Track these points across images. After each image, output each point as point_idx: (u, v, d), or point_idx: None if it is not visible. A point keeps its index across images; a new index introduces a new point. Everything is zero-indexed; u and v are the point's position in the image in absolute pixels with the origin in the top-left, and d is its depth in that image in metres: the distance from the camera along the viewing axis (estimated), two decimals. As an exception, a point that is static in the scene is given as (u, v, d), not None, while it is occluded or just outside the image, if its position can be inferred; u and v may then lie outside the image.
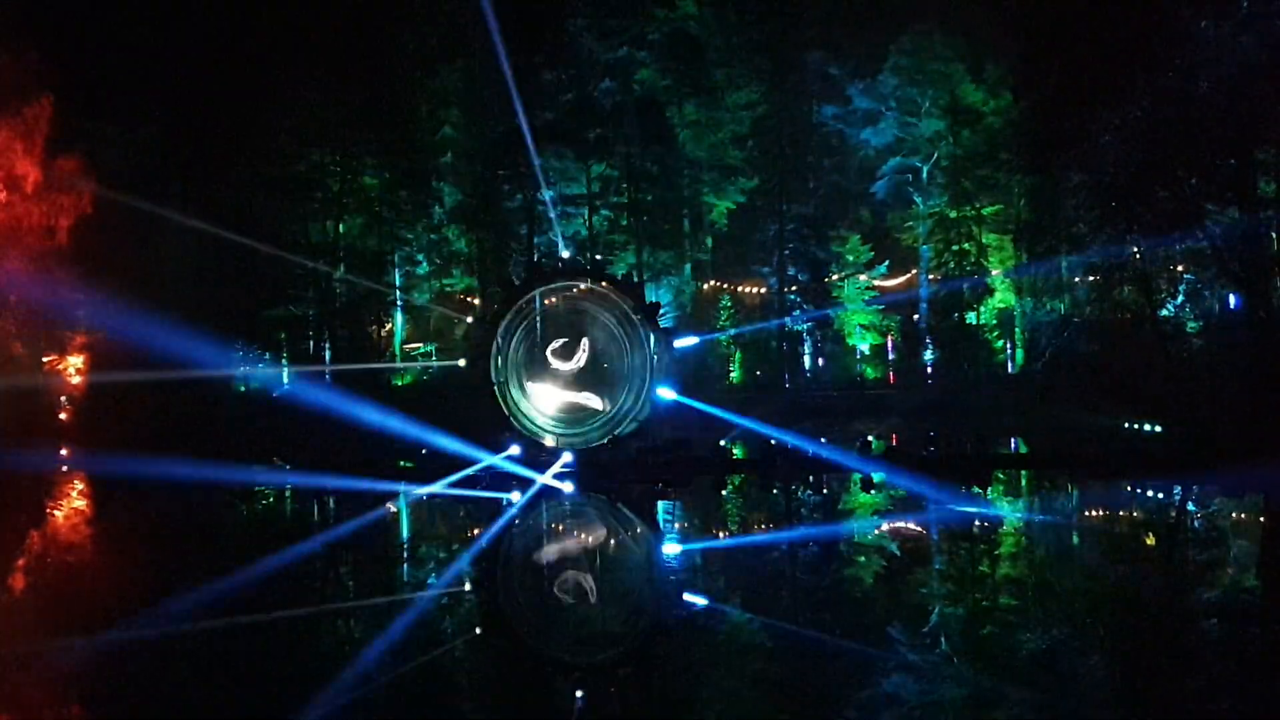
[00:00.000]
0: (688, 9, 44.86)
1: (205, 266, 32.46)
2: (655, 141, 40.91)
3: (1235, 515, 18.65)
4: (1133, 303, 33.53)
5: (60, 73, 28.51)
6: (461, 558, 16.14)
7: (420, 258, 44.48)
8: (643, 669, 10.08)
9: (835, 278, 45.73)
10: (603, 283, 25.10)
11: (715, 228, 46.67)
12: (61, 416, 31.65)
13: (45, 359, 31.28)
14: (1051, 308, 40.36)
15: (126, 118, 31.01)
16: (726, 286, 46.65)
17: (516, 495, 21.33)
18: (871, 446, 24.50)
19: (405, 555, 16.53)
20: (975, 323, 44.20)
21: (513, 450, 23.40)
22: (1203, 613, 11.77)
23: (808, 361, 45.62)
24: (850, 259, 46.19)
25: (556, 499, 21.60)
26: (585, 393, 24.81)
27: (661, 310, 26.98)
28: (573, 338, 24.80)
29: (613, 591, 13.46)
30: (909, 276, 48.46)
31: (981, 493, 21.00)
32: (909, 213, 46.84)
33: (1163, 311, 32.30)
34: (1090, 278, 36.46)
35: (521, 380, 24.79)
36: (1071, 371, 35.06)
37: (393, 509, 20.44)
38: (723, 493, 22.31)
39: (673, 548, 16.16)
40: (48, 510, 20.68)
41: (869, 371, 46.04)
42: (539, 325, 25.02)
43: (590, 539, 17.52)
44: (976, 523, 18.16)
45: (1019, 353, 43.67)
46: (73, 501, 22.50)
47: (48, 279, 28.72)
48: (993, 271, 44.40)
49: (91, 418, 30.62)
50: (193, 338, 33.83)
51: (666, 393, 24.76)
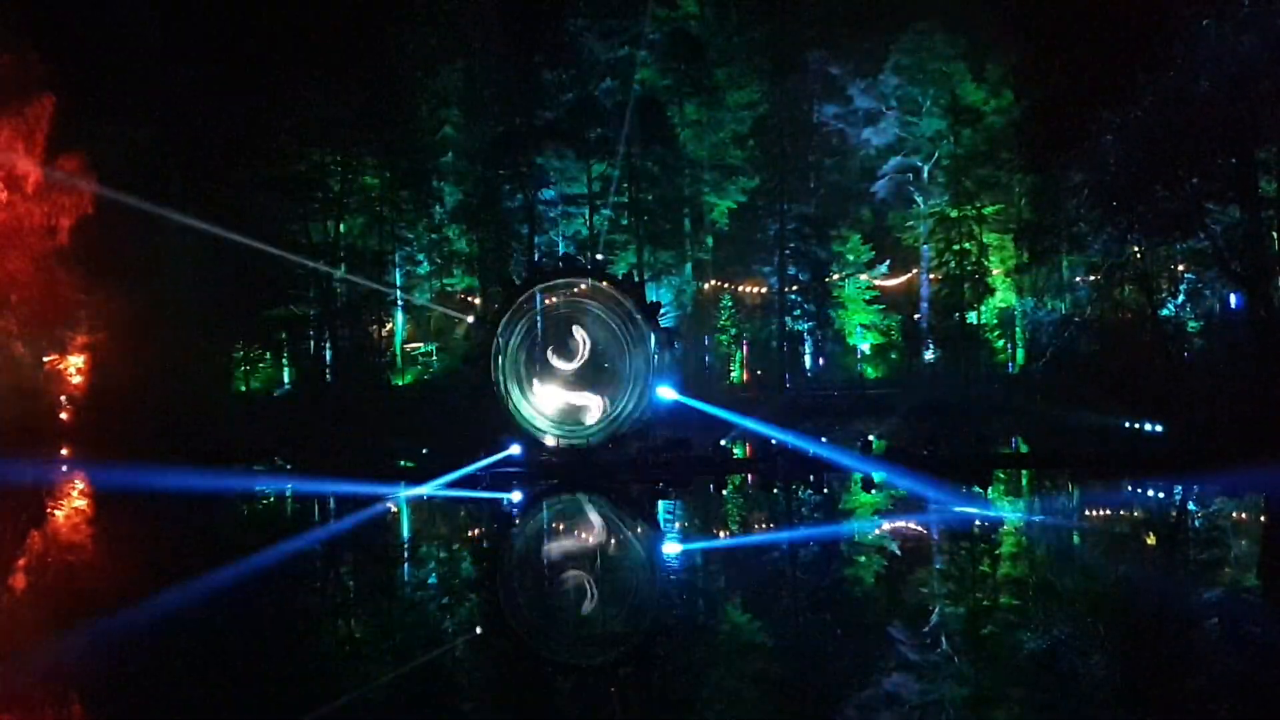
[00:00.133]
0: (688, 9, 44.85)
1: (206, 266, 32.43)
2: (656, 141, 40.90)
3: (1235, 515, 18.64)
4: (1134, 302, 33.57)
5: (60, 73, 28.50)
6: (459, 558, 16.16)
7: (421, 257, 44.50)
8: (642, 669, 10.07)
9: (836, 277, 45.74)
10: (603, 282, 25.09)
11: (716, 227, 46.67)
12: (62, 416, 31.65)
13: (45, 359, 31.26)
14: (1052, 307, 40.36)
15: (126, 118, 30.97)
16: (727, 286, 46.66)
17: (518, 495, 21.36)
18: (872, 446, 24.50)
19: (400, 556, 16.51)
20: (976, 322, 44.20)
21: (513, 449, 23.36)
22: (1203, 613, 11.77)
23: (808, 361, 45.63)
24: (851, 259, 46.22)
25: (556, 498, 21.63)
26: (586, 392, 24.80)
27: (662, 310, 26.96)
28: (573, 337, 24.79)
29: (611, 591, 13.45)
30: (909, 276, 48.48)
31: (982, 493, 20.99)
32: (910, 212, 46.84)
33: (1163, 311, 32.32)
34: (1091, 277, 36.51)
35: (522, 380, 24.78)
36: (1072, 371, 35.04)
37: (393, 509, 20.45)
38: (723, 493, 22.31)
39: (673, 547, 16.16)
40: (47, 511, 20.68)
41: (869, 371, 46.04)
42: (539, 325, 25.01)
43: (589, 539, 17.51)
44: (977, 523, 18.16)
45: (1019, 352, 43.67)
46: (73, 501, 22.51)
47: (48, 279, 28.74)
48: (993, 271, 44.41)
49: (92, 418, 30.64)
50: (193, 337, 33.99)
51: (667, 392, 24.77)
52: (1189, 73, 26.39)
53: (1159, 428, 24.97)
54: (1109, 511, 19.28)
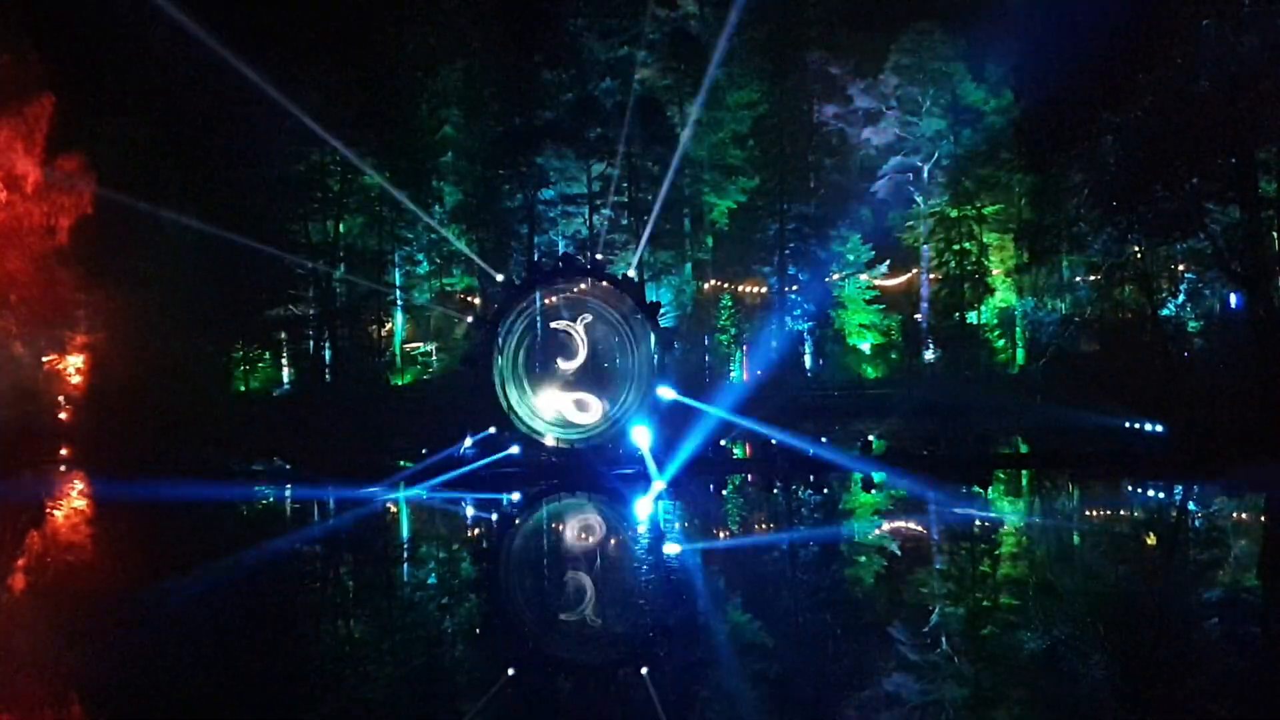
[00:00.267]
0: (688, 9, 44.83)
1: (205, 266, 32.40)
2: (655, 141, 40.89)
3: (1235, 515, 18.62)
4: (1134, 302, 33.55)
5: (60, 73, 28.48)
6: (456, 559, 16.14)
7: (420, 257, 44.48)
8: (642, 669, 10.05)
9: (836, 277, 45.72)
10: (603, 282, 25.08)
11: (715, 227, 46.65)
12: (61, 417, 31.63)
13: (45, 359, 31.24)
14: (1052, 307, 40.35)
15: (126, 117, 30.95)
16: (727, 286, 46.65)
17: (516, 495, 21.34)
18: (872, 446, 24.48)
19: (395, 557, 16.49)
20: (976, 322, 44.18)
21: (514, 449, 23.34)
22: (1203, 613, 11.76)
23: (808, 361, 45.63)
24: (851, 258, 46.20)
25: (555, 498, 21.61)
26: (585, 392, 24.78)
27: (661, 310, 26.93)
28: (572, 338, 24.77)
29: (610, 591, 13.43)
30: (909, 276, 48.47)
31: (982, 493, 20.98)
32: (910, 212, 46.84)
33: (1163, 311, 32.32)
34: (1091, 277, 36.51)
35: (521, 380, 24.77)
36: (1072, 371, 35.04)
37: (390, 509, 20.44)
38: (723, 493, 22.29)
39: (672, 547, 16.13)
40: (46, 511, 20.67)
41: (869, 371, 46.02)
42: (539, 325, 25.00)
43: (589, 539, 17.50)
44: (977, 523, 18.15)
45: (1020, 352, 43.65)
46: (71, 501, 22.51)
47: (48, 279, 28.71)
48: (993, 271, 44.40)
49: (91, 418, 30.62)
50: (192, 337, 33.95)
51: (666, 392, 24.73)
52: (1189, 73, 26.39)
53: (1159, 428, 24.95)
54: (1108, 512, 19.27)
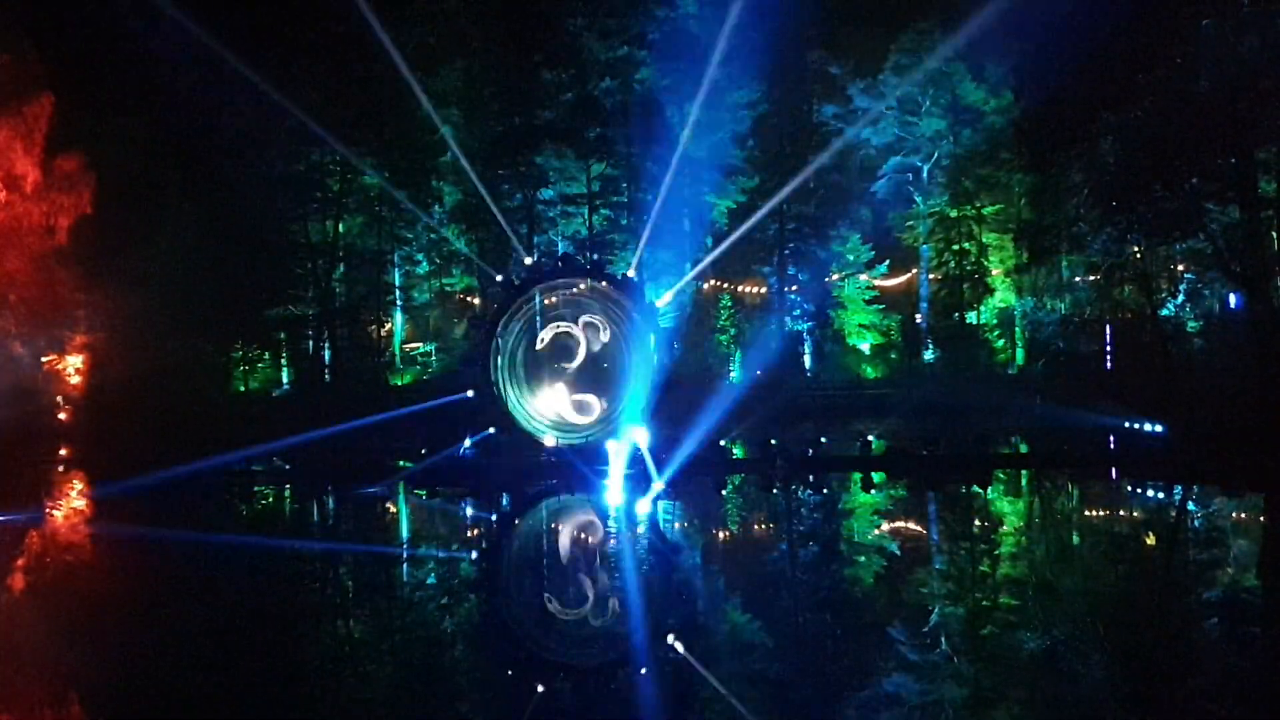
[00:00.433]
0: (688, 9, 44.77)
1: (205, 266, 32.39)
2: (655, 141, 40.87)
3: (1235, 515, 18.61)
4: (1134, 302, 33.54)
5: (60, 72, 28.47)
6: (454, 559, 16.13)
7: (420, 257, 44.45)
8: (642, 669, 10.04)
9: (835, 277, 45.69)
10: (602, 282, 25.08)
11: (715, 227, 46.61)
12: (60, 416, 31.62)
13: (44, 359, 31.23)
14: (1052, 307, 40.33)
15: (125, 117, 30.94)
16: (727, 286, 46.62)
17: (515, 495, 21.33)
18: (872, 446, 24.47)
19: (391, 557, 16.48)
20: (975, 322, 44.14)
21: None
22: (1202, 613, 11.75)
23: (808, 361, 45.59)
24: (850, 259, 46.17)
25: (555, 498, 21.60)
26: (585, 392, 24.77)
27: (661, 310, 26.93)
28: (572, 338, 24.77)
29: (609, 591, 13.41)
30: (909, 276, 48.43)
31: (982, 492, 20.97)
32: (909, 212, 46.79)
33: (1163, 311, 32.32)
34: (1091, 277, 36.49)
35: (521, 380, 24.76)
36: (1072, 371, 35.03)
37: (389, 508, 20.44)
38: (723, 493, 22.28)
39: (672, 548, 16.12)
40: (46, 512, 20.66)
41: (869, 371, 46.00)
42: (538, 325, 25.00)
43: (588, 539, 17.48)
44: (977, 523, 18.14)
45: (1019, 352, 43.62)
46: (71, 500, 22.50)
47: (47, 278, 28.69)
48: (993, 271, 44.37)
49: (91, 418, 30.60)
50: (192, 337, 33.94)
51: (665, 393, 24.72)
52: (1189, 73, 26.39)
53: (1159, 428, 24.95)
54: (1108, 511, 19.26)
